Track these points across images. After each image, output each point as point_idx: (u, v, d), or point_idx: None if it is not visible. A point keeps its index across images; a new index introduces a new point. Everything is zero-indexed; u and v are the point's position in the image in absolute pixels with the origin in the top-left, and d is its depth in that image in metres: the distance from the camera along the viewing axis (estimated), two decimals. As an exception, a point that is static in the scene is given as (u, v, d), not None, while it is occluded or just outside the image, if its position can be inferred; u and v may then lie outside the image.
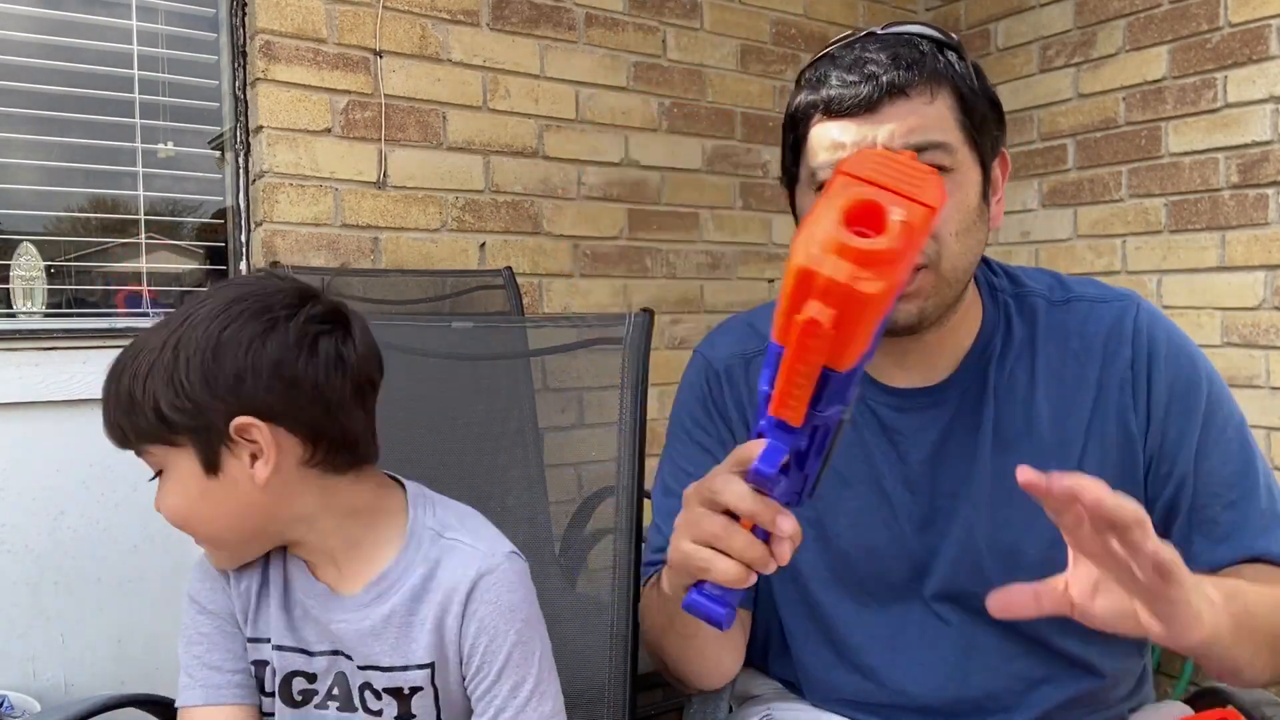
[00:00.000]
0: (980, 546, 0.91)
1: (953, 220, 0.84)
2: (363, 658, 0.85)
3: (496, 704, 0.84)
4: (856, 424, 0.95)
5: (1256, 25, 2.17)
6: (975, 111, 0.85)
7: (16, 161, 1.81)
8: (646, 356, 1.35)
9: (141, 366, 0.81)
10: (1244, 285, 2.22)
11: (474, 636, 0.84)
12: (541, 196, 2.25)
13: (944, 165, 0.83)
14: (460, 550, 0.86)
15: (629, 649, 1.25)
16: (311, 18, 1.95)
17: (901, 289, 0.53)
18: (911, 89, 0.82)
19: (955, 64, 0.86)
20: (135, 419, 0.81)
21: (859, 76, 0.83)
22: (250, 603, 0.88)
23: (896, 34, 0.87)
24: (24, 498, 1.74)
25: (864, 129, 0.83)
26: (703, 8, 2.49)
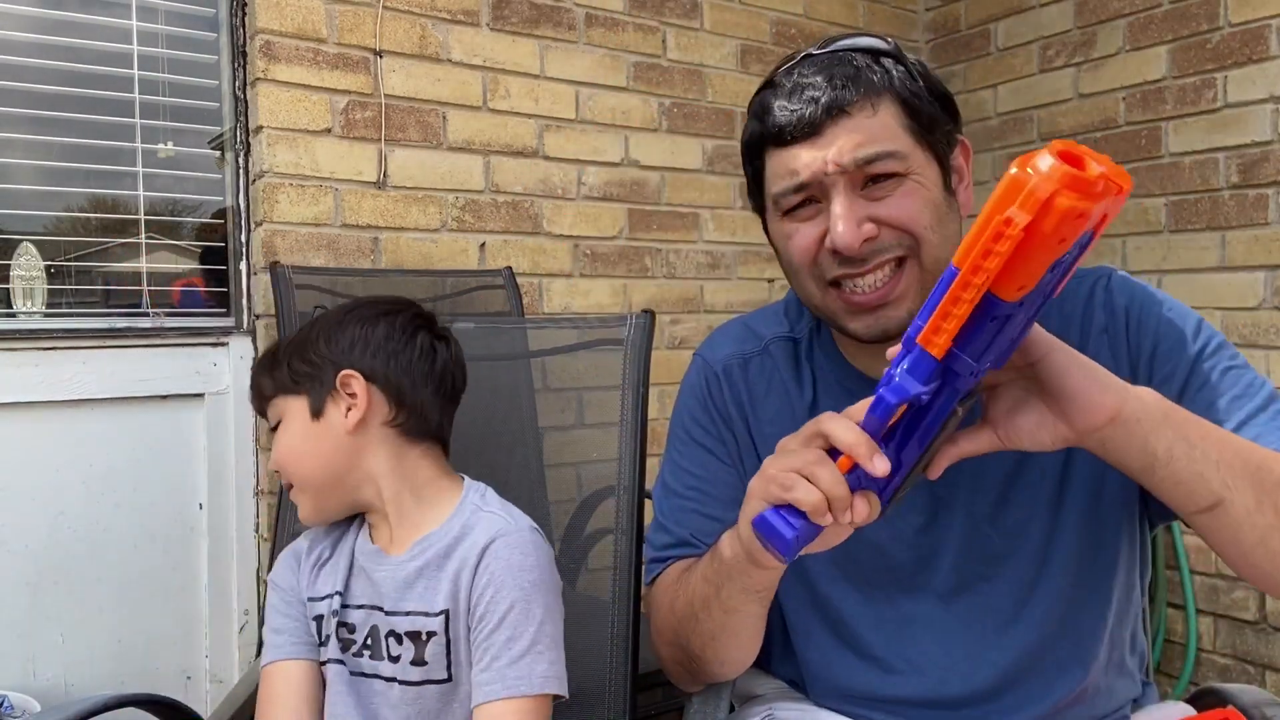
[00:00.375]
0: (985, 530, 0.92)
1: (923, 215, 0.86)
2: (393, 603, 0.99)
3: (492, 651, 0.94)
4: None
5: (1256, 25, 2.17)
6: (920, 112, 0.87)
7: (16, 161, 1.81)
8: (648, 357, 1.35)
9: (288, 338, 1.07)
10: (1244, 285, 2.22)
11: (482, 588, 0.95)
12: (541, 196, 2.25)
13: (898, 171, 0.85)
14: (489, 518, 1.00)
15: (629, 649, 1.26)
16: (311, 18, 1.95)
17: (1072, 251, 0.62)
18: (851, 106, 0.85)
19: (893, 71, 0.87)
20: (276, 374, 1.03)
21: (799, 103, 0.86)
22: (317, 567, 1.06)
23: (831, 52, 0.89)
24: (24, 498, 1.74)
25: (813, 152, 0.85)
26: (703, 8, 2.49)
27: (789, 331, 1.03)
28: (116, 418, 1.80)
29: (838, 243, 0.84)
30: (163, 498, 1.86)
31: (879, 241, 0.86)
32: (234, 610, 1.92)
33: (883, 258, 0.86)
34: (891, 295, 0.87)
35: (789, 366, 1.01)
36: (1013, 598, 0.92)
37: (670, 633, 0.98)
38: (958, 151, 0.92)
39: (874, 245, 0.85)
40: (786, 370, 1.01)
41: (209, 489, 1.90)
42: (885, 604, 0.95)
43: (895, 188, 0.85)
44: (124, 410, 1.81)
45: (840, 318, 0.90)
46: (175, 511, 1.87)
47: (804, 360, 1.01)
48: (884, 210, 0.85)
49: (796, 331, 1.02)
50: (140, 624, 1.83)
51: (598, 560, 1.40)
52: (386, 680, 0.99)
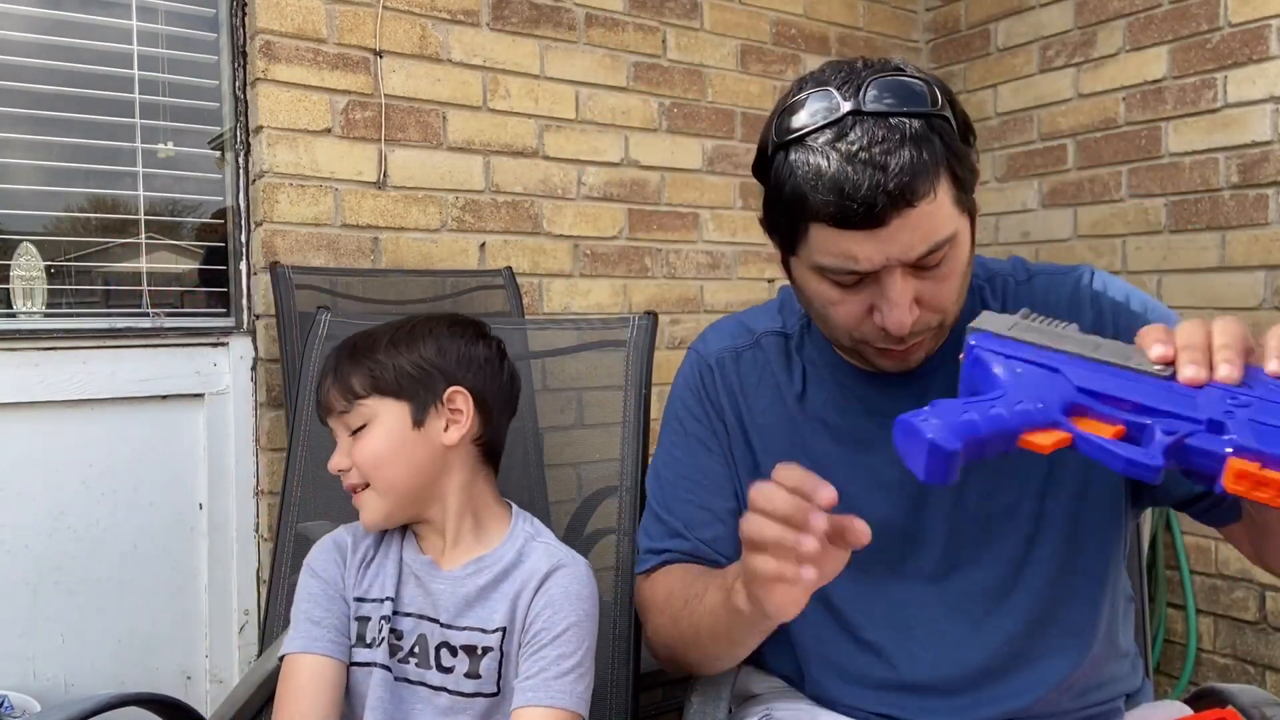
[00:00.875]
0: (975, 514, 0.94)
1: (956, 290, 0.88)
2: (450, 617, 1.02)
3: (542, 664, 0.98)
4: (844, 409, 0.99)
5: (1256, 25, 2.17)
6: (965, 179, 0.84)
7: (16, 161, 1.81)
8: (650, 358, 1.36)
9: (382, 338, 1.05)
10: (1244, 285, 2.22)
11: (540, 608, 1.00)
12: (541, 196, 2.25)
13: (950, 248, 0.84)
14: (545, 548, 1.05)
15: (629, 649, 1.26)
16: (311, 18, 1.95)
17: None
18: (917, 197, 0.80)
19: (943, 134, 0.83)
20: (375, 374, 1.03)
21: (865, 186, 0.79)
22: (363, 566, 1.06)
23: (883, 117, 0.82)
24: (24, 498, 1.74)
25: (874, 244, 0.81)
26: (703, 8, 2.49)
27: (781, 327, 1.05)
28: (116, 418, 1.80)
29: (889, 326, 0.85)
30: (163, 498, 1.86)
31: (918, 321, 0.86)
32: (234, 610, 1.92)
33: (919, 335, 0.88)
34: (915, 355, 0.91)
35: (779, 359, 1.03)
36: (1001, 580, 0.94)
37: (666, 640, 1.00)
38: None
39: (913, 325, 0.86)
40: (777, 363, 1.03)
41: (209, 489, 1.90)
42: (876, 587, 0.96)
43: (944, 263, 0.85)
44: (124, 410, 1.81)
45: (869, 357, 0.93)
46: (175, 511, 1.87)
47: (794, 353, 1.03)
48: (926, 291, 0.86)
49: (788, 327, 1.04)
50: (140, 624, 1.83)
51: (598, 561, 1.40)
52: (433, 689, 1.01)
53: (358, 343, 1.06)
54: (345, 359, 1.05)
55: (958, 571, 0.94)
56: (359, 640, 1.04)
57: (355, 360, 1.04)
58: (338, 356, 1.06)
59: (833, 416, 0.99)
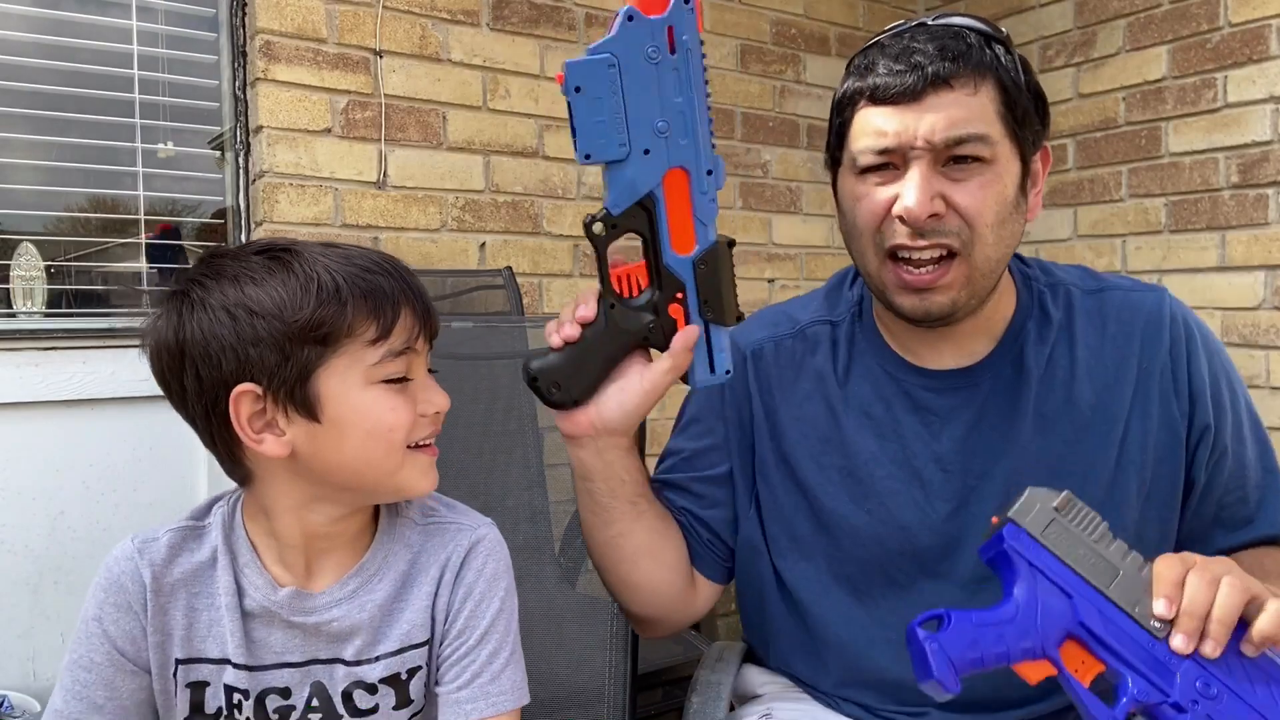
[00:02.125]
0: None
1: (989, 211, 0.86)
2: (356, 652, 0.82)
3: (474, 668, 0.83)
4: (888, 403, 0.97)
5: (1256, 25, 2.18)
6: (1018, 105, 0.87)
7: (16, 161, 1.81)
8: (647, 356, 1.35)
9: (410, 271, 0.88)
10: (1244, 285, 2.22)
11: (460, 603, 0.85)
12: (541, 196, 2.25)
13: (983, 157, 0.85)
14: (446, 529, 0.87)
15: (629, 649, 1.26)
16: (311, 18, 1.95)
17: None
18: (956, 80, 0.85)
19: (1002, 57, 0.88)
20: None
21: (905, 65, 0.85)
22: (187, 618, 0.80)
23: (945, 25, 0.89)
24: (24, 498, 1.74)
25: (907, 118, 0.85)
26: (703, 8, 2.49)
27: (828, 315, 1.03)
28: (116, 418, 1.80)
29: (907, 203, 0.85)
30: (163, 498, 1.86)
31: (942, 223, 0.86)
32: (234, 610, 1.92)
33: (940, 240, 0.87)
34: (938, 283, 0.88)
35: (826, 348, 1.01)
36: None
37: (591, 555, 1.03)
38: (1039, 156, 0.92)
39: (936, 224, 0.86)
40: (822, 352, 1.01)
41: (209, 489, 1.90)
42: (910, 588, 0.95)
43: (974, 174, 0.86)
44: (124, 410, 1.81)
45: (890, 291, 0.91)
46: (175, 511, 1.85)
47: (841, 342, 1.01)
48: (957, 194, 0.86)
49: (836, 314, 1.03)
50: (140, 624, 1.84)
51: (598, 560, 1.40)
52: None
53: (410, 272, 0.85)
54: (420, 288, 0.85)
55: (992, 579, 0.91)
56: (197, 709, 0.80)
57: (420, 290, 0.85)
58: (413, 283, 0.83)
59: (877, 410, 0.97)
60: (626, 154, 0.77)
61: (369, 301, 0.77)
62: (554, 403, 0.88)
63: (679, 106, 0.77)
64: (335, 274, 0.76)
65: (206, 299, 0.75)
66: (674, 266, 0.83)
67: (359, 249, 0.81)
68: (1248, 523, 0.94)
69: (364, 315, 0.76)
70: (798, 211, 2.68)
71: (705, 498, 1.04)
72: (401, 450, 0.79)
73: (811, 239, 2.70)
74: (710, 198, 0.82)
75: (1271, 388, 2.19)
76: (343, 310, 0.75)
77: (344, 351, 0.76)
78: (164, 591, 0.81)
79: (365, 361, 0.76)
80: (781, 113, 2.63)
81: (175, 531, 0.84)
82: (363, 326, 0.76)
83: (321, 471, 0.78)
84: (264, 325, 0.74)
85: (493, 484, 1.43)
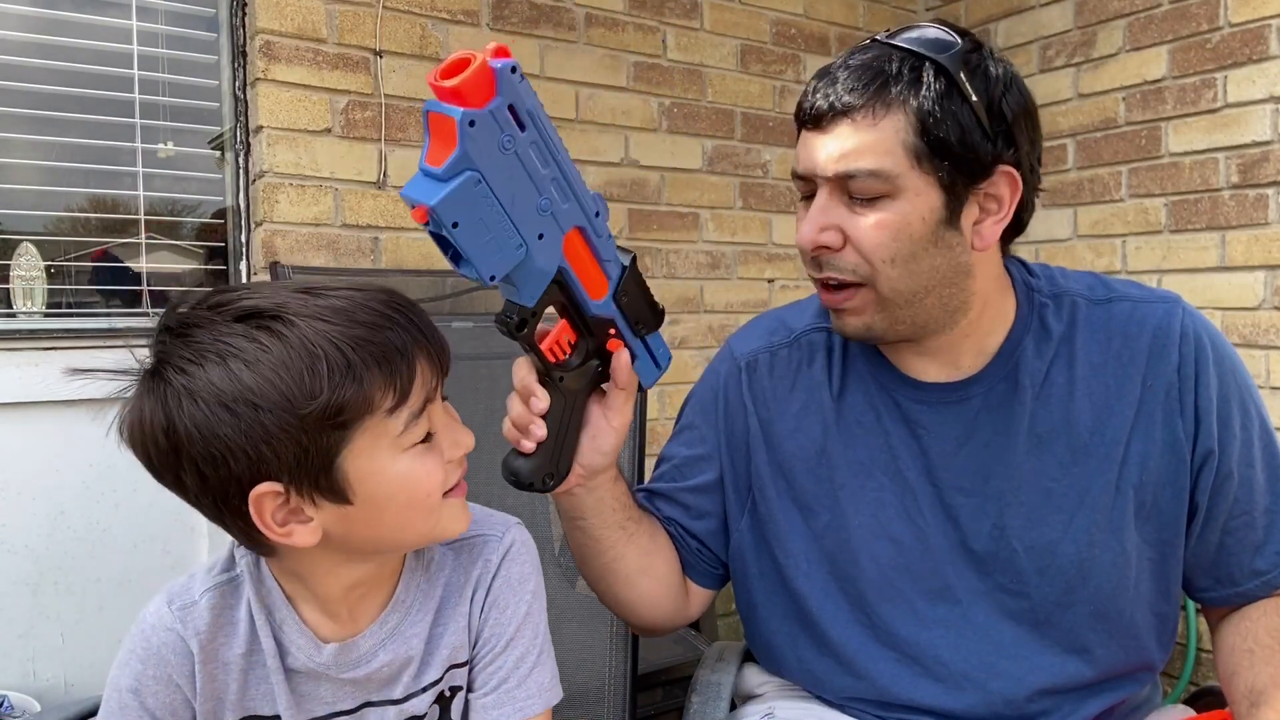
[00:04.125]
0: (1014, 546, 0.90)
1: (886, 248, 0.84)
2: (405, 689, 0.80)
3: (500, 674, 0.81)
4: (879, 413, 0.95)
5: (1256, 25, 2.17)
6: (935, 135, 0.81)
7: (16, 161, 1.81)
8: (647, 356, 1.35)
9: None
10: (1244, 285, 2.22)
11: (487, 610, 0.82)
12: (541, 196, 2.25)
13: (883, 193, 0.83)
14: (475, 544, 0.84)
15: (629, 649, 1.26)
16: (311, 18, 1.95)
17: None
18: (855, 112, 0.83)
19: (928, 81, 0.82)
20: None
21: (822, 91, 0.86)
22: (241, 679, 0.76)
23: (887, 45, 0.86)
24: (24, 498, 1.74)
25: (813, 146, 0.86)
26: (703, 8, 2.49)
27: (824, 321, 1.01)
28: (116, 418, 1.80)
29: (797, 238, 0.87)
30: (163, 498, 1.84)
31: (839, 257, 0.85)
32: (234, 610, 1.92)
33: (832, 274, 0.86)
34: (845, 305, 0.88)
35: (821, 357, 1.00)
36: (1034, 615, 0.91)
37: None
38: (997, 180, 0.85)
39: (830, 258, 0.85)
40: (816, 362, 1.00)
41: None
42: (902, 605, 0.94)
43: (874, 209, 0.83)
44: (124, 410, 1.80)
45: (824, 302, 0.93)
46: (175, 511, 1.87)
47: (836, 351, 0.99)
48: (854, 228, 0.84)
49: (830, 321, 1.01)
50: (140, 624, 1.83)
51: (598, 560, 1.40)
52: None
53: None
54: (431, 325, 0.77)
55: (990, 597, 0.91)
56: None
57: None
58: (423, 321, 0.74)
59: (869, 419, 0.95)
60: (525, 251, 0.72)
61: (384, 367, 0.68)
62: (550, 489, 0.88)
63: (550, 174, 0.72)
64: (340, 343, 0.67)
65: (193, 388, 0.66)
66: (598, 312, 0.82)
67: (356, 293, 0.71)
68: (1255, 549, 0.91)
69: (381, 384, 0.68)
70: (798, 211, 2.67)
71: (693, 508, 1.04)
72: (439, 503, 0.74)
73: (811, 239, 2.69)
74: (605, 235, 0.79)
75: (1271, 388, 2.19)
76: (359, 387, 0.67)
77: (366, 428, 0.68)
78: (214, 660, 0.76)
79: (390, 433, 0.69)
80: (781, 113, 2.63)
81: (213, 591, 0.77)
82: (381, 397, 0.68)
83: (358, 545, 0.74)
84: (273, 420, 0.65)
85: (493, 484, 1.43)
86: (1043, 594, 0.90)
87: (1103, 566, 0.89)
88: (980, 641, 0.91)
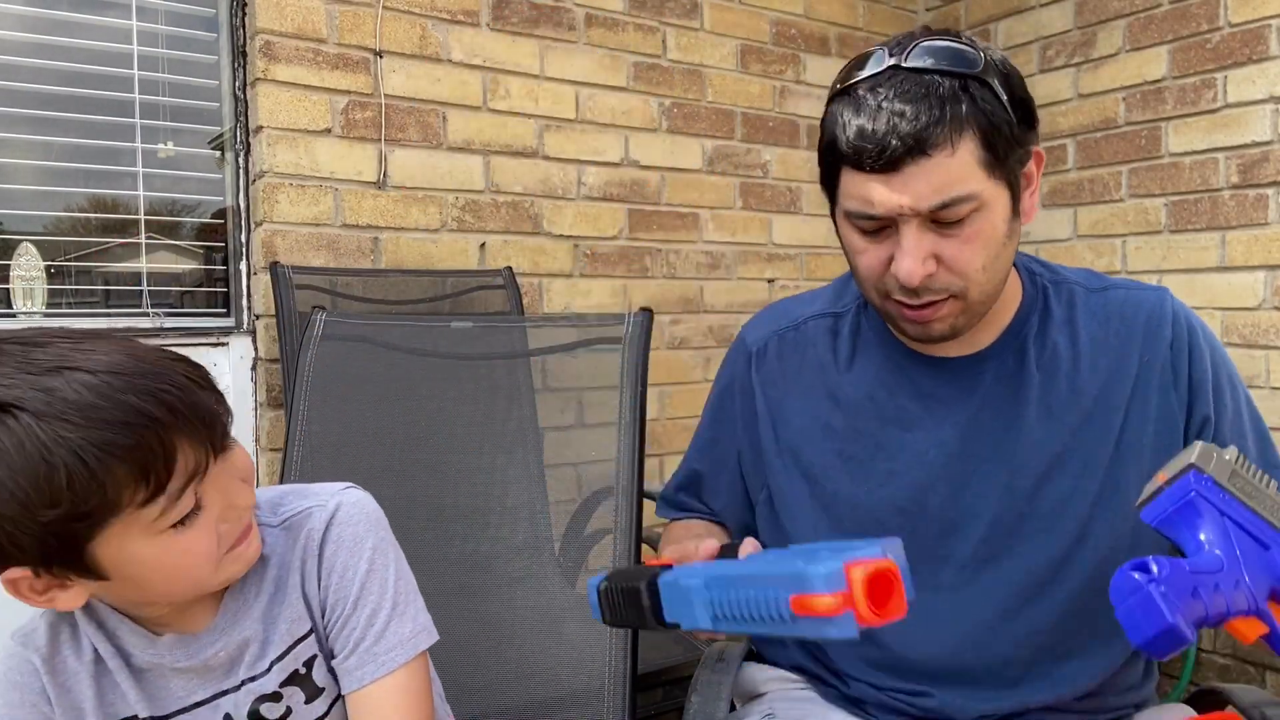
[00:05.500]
0: (1021, 509, 0.94)
1: (979, 258, 0.87)
2: (249, 668, 0.81)
3: (355, 636, 0.82)
4: (892, 390, 0.99)
5: (1256, 25, 2.17)
6: (998, 144, 0.85)
7: (16, 161, 1.81)
8: (646, 356, 1.36)
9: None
10: (1244, 285, 2.22)
11: (325, 577, 0.83)
12: (541, 196, 2.25)
13: (968, 213, 0.85)
14: (296, 520, 0.84)
15: (629, 649, 1.26)
16: (311, 18, 1.95)
17: None
18: (931, 146, 0.82)
19: (979, 98, 0.84)
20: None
21: (881, 130, 0.83)
22: (90, 683, 0.78)
23: (917, 72, 0.85)
24: None
25: (888, 190, 0.84)
26: (703, 8, 2.49)
27: (831, 308, 1.06)
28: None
29: (900, 274, 0.86)
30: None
31: (935, 279, 0.87)
32: (234, 610, 1.92)
33: (932, 296, 0.88)
34: (935, 316, 0.90)
35: (825, 339, 1.04)
36: (1041, 574, 0.93)
37: None
38: (1030, 162, 0.91)
39: (929, 282, 0.87)
40: (822, 343, 1.04)
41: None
42: (929, 574, 0.95)
43: (962, 228, 0.86)
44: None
45: (895, 320, 0.94)
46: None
47: (845, 332, 1.04)
48: (947, 250, 0.86)
49: (841, 306, 1.06)
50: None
51: (597, 560, 1.40)
52: None
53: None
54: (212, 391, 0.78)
55: (995, 560, 0.94)
56: None
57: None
58: (186, 400, 0.71)
59: (880, 394, 1.00)
60: None
61: (134, 467, 0.65)
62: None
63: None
64: (83, 450, 0.62)
65: None
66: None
67: (110, 381, 0.66)
68: None
69: (131, 484, 0.65)
70: (798, 211, 2.68)
71: (716, 515, 1.14)
72: (215, 564, 0.74)
73: (811, 239, 2.70)
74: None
75: (1271, 388, 2.19)
76: (103, 493, 0.63)
77: (115, 523, 0.66)
78: (62, 671, 0.78)
79: (143, 521, 0.67)
80: (781, 113, 2.63)
81: (51, 613, 0.78)
82: (131, 495, 0.65)
83: (133, 602, 0.75)
84: (10, 524, 0.63)
85: (493, 484, 1.43)
86: (1047, 555, 0.93)
87: (1101, 532, 0.93)
88: (982, 606, 0.94)
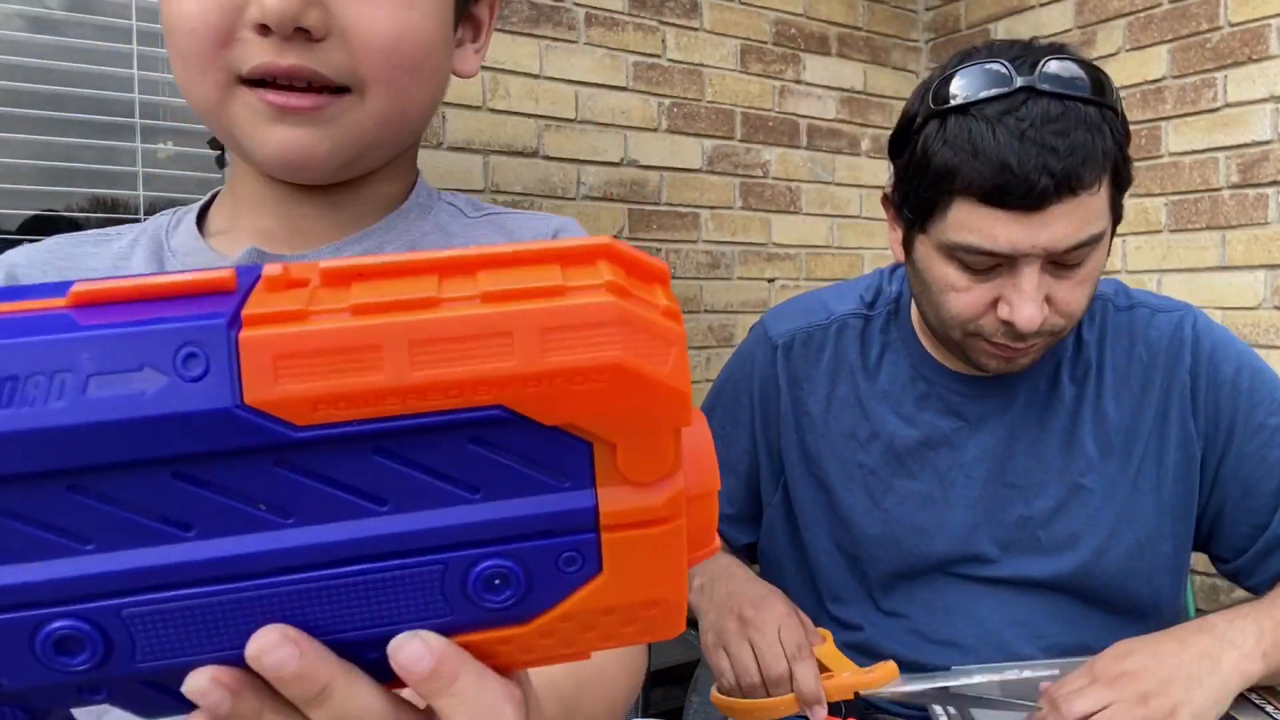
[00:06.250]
0: (1038, 534, 0.94)
1: (1086, 298, 0.82)
2: None
3: None
4: (919, 404, 0.97)
5: (1256, 25, 2.17)
6: (1125, 173, 0.81)
7: (16, 161, 1.81)
8: (647, 356, 1.36)
9: None
10: (1244, 285, 2.22)
11: None
12: (541, 196, 2.25)
13: (1090, 253, 0.81)
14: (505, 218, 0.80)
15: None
16: (311, 18, 1.94)
17: None
18: (1084, 187, 0.76)
19: (1114, 128, 0.80)
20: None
21: (1030, 164, 0.74)
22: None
23: (1059, 98, 0.78)
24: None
25: (1025, 229, 0.76)
26: (703, 8, 2.49)
27: (863, 309, 1.01)
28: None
29: (1019, 321, 0.78)
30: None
31: (1045, 322, 0.81)
32: (234, 610, 1.92)
33: (1036, 340, 0.83)
34: (1024, 353, 0.86)
35: (856, 345, 1.00)
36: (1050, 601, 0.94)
37: None
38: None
39: (1041, 324, 0.81)
40: (853, 348, 1.00)
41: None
42: (924, 582, 0.96)
43: (1079, 269, 0.81)
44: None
45: (975, 354, 0.87)
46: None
47: (875, 339, 0.99)
48: (1060, 291, 0.81)
49: (874, 309, 1.01)
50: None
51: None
52: None
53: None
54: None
55: (1009, 584, 0.94)
56: None
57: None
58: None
59: (907, 408, 0.96)
60: None
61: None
62: None
63: None
64: None
65: None
66: None
67: None
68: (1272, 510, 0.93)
69: None
70: (798, 211, 2.68)
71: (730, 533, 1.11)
72: (215, 66, 0.55)
73: (811, 239, 2.70)
74: None
75: (1271, 387, 2.19)
76: None
77: None
78: None
79: None
80: (781, 113, 2.63)
81: None
82: None
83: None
84: None
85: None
86: (1063, 580, 0.94)
87: (1116, 560, 0.93)
88: (991, 623, 0.94)
